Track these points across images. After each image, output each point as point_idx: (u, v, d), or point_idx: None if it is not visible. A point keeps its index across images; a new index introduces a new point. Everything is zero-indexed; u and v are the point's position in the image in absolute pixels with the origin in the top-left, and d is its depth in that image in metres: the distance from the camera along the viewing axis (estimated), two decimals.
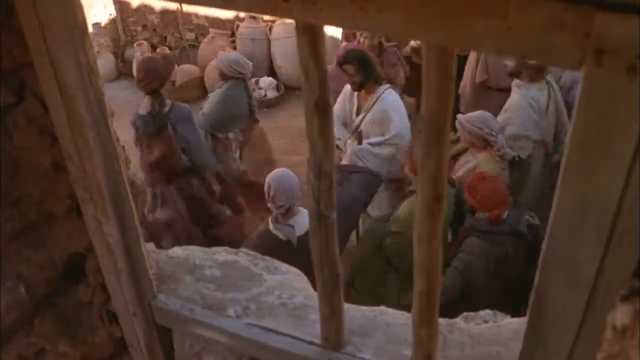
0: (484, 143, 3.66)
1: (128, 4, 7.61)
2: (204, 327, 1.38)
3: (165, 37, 7.64)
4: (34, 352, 1.43)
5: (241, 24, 6.85)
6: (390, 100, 4.13)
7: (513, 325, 1.26)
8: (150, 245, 1.56)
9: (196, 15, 7.36)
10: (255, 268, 1.52)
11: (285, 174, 3.25)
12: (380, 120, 4.13)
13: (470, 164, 3.70)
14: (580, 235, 0.77)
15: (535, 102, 3.92)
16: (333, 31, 5.96)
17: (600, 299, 0.82)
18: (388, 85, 4.18)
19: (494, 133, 3.63)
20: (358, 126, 4.21)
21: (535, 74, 3.88)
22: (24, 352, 1.40)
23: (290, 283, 1.47)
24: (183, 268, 1.51)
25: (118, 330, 1.54)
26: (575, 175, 0.73)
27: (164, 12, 7.47)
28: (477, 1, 0.64)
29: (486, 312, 1.33)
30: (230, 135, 4.53)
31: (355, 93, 4.24)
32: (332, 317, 1.21)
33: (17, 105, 1.18)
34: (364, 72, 4.07)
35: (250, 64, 4.58)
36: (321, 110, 0.93)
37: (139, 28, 7.70)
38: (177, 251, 1.59)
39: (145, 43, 7.13)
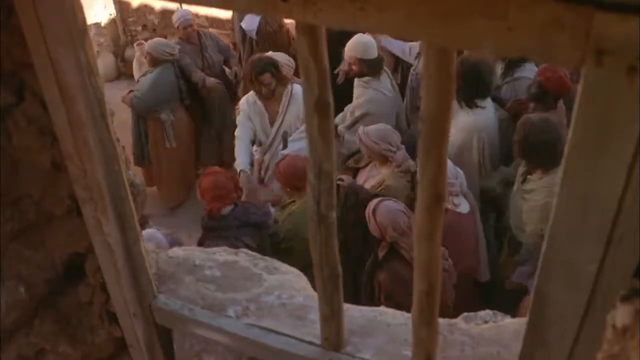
0: (383, 158, 3.54)
1: (128, 4, 7.61)
2: (204, 327, 1.38)
3: (165, 37, 7.63)
4: (34, 352, 1.43)
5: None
6: (300, 90, 4.08)
7: (513, 326, 1.26)
8: (150, 245, 1.56)
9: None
10: (255, 268, 1.52)
11: None
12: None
13: (373, 179, 3.61)
14: (580, 235, 0.77)
15: (387, 91, 4.17)
16: None
17: (600, 299, 0.82)
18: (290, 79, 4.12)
19: (392, 149, 3.50)
20: (277, 132, 4.13)
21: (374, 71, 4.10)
22: (24, 352, 1.40)
23: (290, 283, 1.47)
24: (183, 268, 1.51)
25: (118, 330, 1.53)
26: (575, 175, 0.73)
27: (164, 12, 7.46)
28: (477, 1, 0.64)
29: (486, 313, 1.33)
30: (162, 116, 4.90)
31: (259, 106, 4.12)
32: (332, 317, 1.21)
33: (17, 105, 1.18)
34: (277, 77, 4.03)
35: (177, 47, 4.96)
36: (321, 110, 0.93)
37: (139, 28, 7.70)
38: (177, 251, 1.59)
39: (145, 43, 7.13)
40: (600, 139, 0.68)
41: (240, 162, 4.14)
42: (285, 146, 4.11)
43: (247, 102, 4.17)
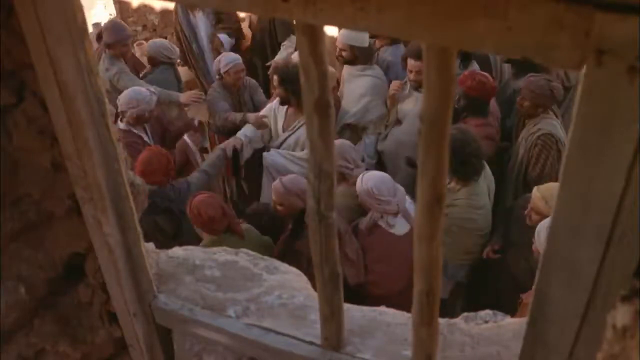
0: (339, 175, 3.33)
1: (128, 4, 7.61)
2: (204, 327, 1.38)
3: (165, 37, 7.63)
4: (34, 352, 1.43)
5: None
6: None
7: (513, 326, 1.26)
8: (150, 245, 1.56)
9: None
10: (255, 268, 1.52)
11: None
12: (301, 145, 3.97)
13: None
14: (580, 235, 0.77)
15: (382, 78, 4.19)
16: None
17: (600, 299, 0.82)
18: None
19: (349, 165, 3.37)
20: (282, 143, 4.09)
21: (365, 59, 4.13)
22: (24, 352, 1.40)
23: (290, 283, 1.47)
24: (183, 268, 1.51)
25: (118, 330, 1.54)
26: (575, 175, 0.73)
27: (164, 12, 7.46)
28: (477, 1, 0.64)
29: (486, 312, 1.33)
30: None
31: (284, 107, 4.09)
32: (332, 317, 1.21)
33: (17, 105, 1.18)
34: (284, 88, 3.93)
35: (177, 49, 4.88)
36: (321, 110, 0.93)
37: (139, 28, 7.70)
38: (177, 251, 1.59)
39: (145, 43, 7.12)
40: (600, 139, 0.68)
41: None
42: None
43: (275, 101, 4.19)
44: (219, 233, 3.12)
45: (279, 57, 5.00)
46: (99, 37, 4.45)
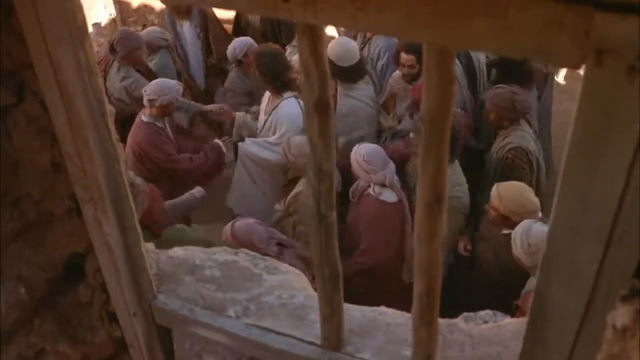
0: (304, 173, 3.39)
1: (128, 4, 7.61)
2: (204, 327, 1.38)
3: None
4: (34, 352, 1.43)
5: None
6: (284, 110, 3.91)
7: (513, 326, 1.26)
8: (150, 245, 1.56)
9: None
10: (255, 268, 1.52)
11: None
12: (273, 129, 3.97)
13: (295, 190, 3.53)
14: (580, 235, 0.77)
15: (369, 98, 4.06)
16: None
17: (600, 299, 0.82)
18: (292, 94, 3.93)
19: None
20: (262, 126, 4.10)
21: (349, 78, 3.99)
22: (24, 352, 1.40)
23: (290, 283, 1.47)
24: (183, 268, 1.51)
25: (118, 330, 1.54)
26: (575, 175, 0.73)
27: (164, 12, 7.46)
28: (477, 1, 0.64)
29: (486, 313, 1.33)
30: None
31: (267, 92, 4.10)
32: (332, 317, 1.21)
33: (17, 105, 1.18)
34: (262, 73, 3.93)
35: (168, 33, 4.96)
36: (321, 110, 0.93)
37: (139, 28, 7.68)
38: (177, 251, 1.59)
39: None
40: (600, 139, 0.68)
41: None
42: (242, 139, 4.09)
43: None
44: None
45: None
46: (112, 49, 4.47)
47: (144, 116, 3.87)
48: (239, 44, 4.53)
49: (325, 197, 1.04)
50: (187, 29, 5.26)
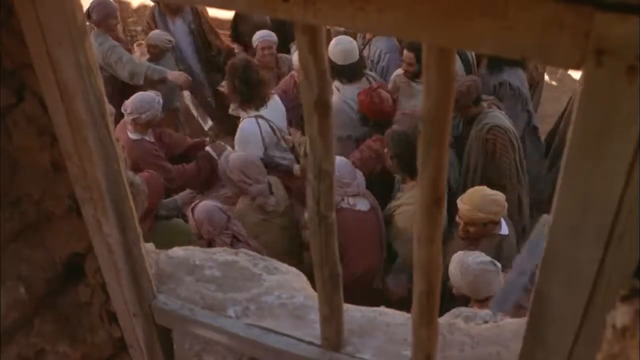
0: (238, 189, 3.46)
1: (128, 4, 7.60)
2: (204, 328, 1.38)
3: None
4: (34, 352, 1.43)
5: None
6: (241, 129, 3.93)
7: (513, 326, 1.26)
8: (150, 245, 1.56)
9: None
10: (255, 268, 1.52)
11: None
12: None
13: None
14: (580, 235, 0.77)
15: (352, 101, 4.03)
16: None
17: (600, 299, 0.82)
18: (255, 113, 3.90)
19: (248, 181, 3.39)
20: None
21: (349, 75, 4.02)
22: (24, 352, 1.40)
23: (290, 283, 1.47)
24: (183, 268, 1.51)
25: (118, 330, 1.54)
26: (575, 175, 0.73)
27: (154, 10, 7.45)
28: (477, 1, 0.64)
29: (486, 312, 1.33)
30: (177, 104, 5.09)
31: None
32: (331, 317, 1.21)
33: (17, 105, 1.18)
34: (232, 84, 3.91)
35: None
36: (321, 110, 0.93)
37: (139, 28, 7.69)
38: (177, 251, 1.59)
39: (145, 44, 7.12)
40: (600, 139, 0.68)
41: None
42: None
43: None
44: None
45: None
46: (88, 16, 4.58)
47: (130, 133, 3.85)
48: (258, 35, 4.61)
49: (325, 197, 1.04)
50: (179, 25, 5.34)
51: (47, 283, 1.39)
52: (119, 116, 3.89)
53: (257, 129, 3.86)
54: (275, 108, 4.02)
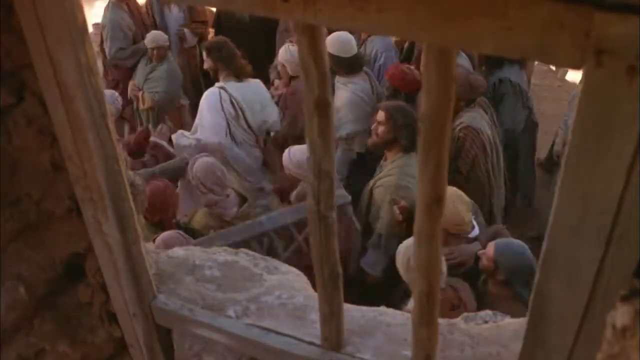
0: (200, 192, 3.42)
1: None
2: (204, 327, 1.38)
3: None
4: (34, 352, 1.43)
5: None
6: (204, 96, 4.08)
7: (513, 326, 1.26)
8: (150, 245, 1.56)
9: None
10: (255, 268, 1.52)
11: None
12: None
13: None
14: (580, 235, 0.77)
15: (365, 94, 4.02)
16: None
17: (600, 299, 0.82)
18: (218, 84, 4.06)
19: (202, 189, 3.38)
20: None
21: (349, 68, 3.99)
22: (24, 352, 1.40)
23: (290, 283, 1.47)
24: (183, 268, 1.51)
25: (118, 330, 1.54)
26: (575, 175, 0.73)
27: None
28: (477, 1, 0.64)
29: (486, 313, 1.33)
30: (183, 101, 5.33)
31: None
32: (332, 317, 1.21)
33: (17, 105, 1.18)
34: (211, 59, 4.07)
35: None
36: (321, 110, 0.93)
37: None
38: (177, 251, 1.59)
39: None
40: (600, 139, 0.68)
41: None
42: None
43: None
44: (152, 221, 3.22)
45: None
46: None
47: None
48: None
49: (325, 197, 1.04)
50: (175, 12, 5.53)
51: (47, 283, 1.39)
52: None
53: (217, 97, 3.98)
54: (251, 90, 4.11)
